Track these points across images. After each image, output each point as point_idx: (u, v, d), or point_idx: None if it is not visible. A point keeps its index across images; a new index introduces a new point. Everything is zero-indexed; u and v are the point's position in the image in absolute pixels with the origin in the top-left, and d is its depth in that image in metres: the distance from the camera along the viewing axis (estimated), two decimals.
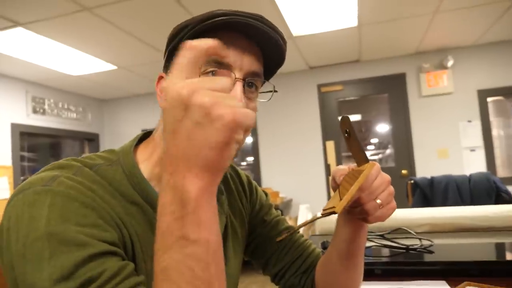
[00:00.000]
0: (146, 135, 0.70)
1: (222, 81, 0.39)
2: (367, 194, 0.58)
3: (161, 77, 0.68)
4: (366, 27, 3.60)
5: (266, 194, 0.90)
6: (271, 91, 0.68)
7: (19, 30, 3.10)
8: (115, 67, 4.23)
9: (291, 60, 4.45)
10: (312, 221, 0.59)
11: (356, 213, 0.60)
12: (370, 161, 0.58)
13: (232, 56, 0.60)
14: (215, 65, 0.59)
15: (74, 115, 5.22)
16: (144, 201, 0.60)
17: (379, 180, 0.59)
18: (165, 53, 0.68)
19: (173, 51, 0.64)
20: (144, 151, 0.66)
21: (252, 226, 0.83)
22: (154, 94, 0.69)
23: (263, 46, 0.64)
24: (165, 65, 0.67)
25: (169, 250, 0.39)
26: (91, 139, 5.58)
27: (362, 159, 0.60)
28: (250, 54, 0.62)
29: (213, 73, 0.59)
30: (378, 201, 0.58)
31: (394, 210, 0.60)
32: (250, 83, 0.63)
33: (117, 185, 0.58)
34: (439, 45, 4.25)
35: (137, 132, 0.73)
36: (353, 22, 3.45)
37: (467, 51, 4.31)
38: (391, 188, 0.60)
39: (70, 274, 0.44)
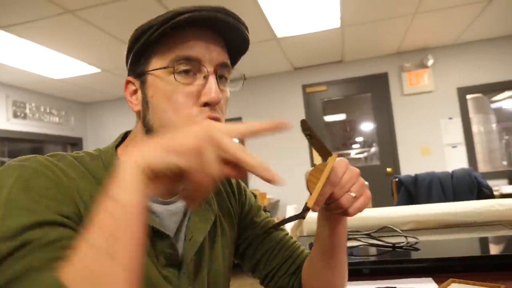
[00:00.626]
0: (127, 135, 0.71)
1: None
2: (338, 189, 0.58)
3: (129, 82, 0.67)
4: (348, 28, 3.65)
5: (255, 196, 0.90)
6: (240, 79, 0.71)
7: (0, 32, 3.04)
8: (98, 70, 4.18)
9: (276, 61, 4.47)
10: (291, 219, 0.59)
11: (334, 209, 0.60)
12: (333, 154, 0.59)
13: (200, 50, 0.61)
14: (185, 61, 0.60)
15: (57, 119, 5.12)
16: None
17: (348, 174, 0.59)
18: (128, 56, 0.67)
19: (138, 54, 0.64)
20: (125, 150, 0.67)
21: (242, 228, 0.83)
22: None
23: (227, 36, 0.65)
24: (130, 69, 0.67)
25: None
26: (74, 144, 5.48)
27: (326, 154, 0.60)
28: (217, 46, 0.63)
29: (187, 72, 0.60)
30: (352, 194, 0.58)
31: (369, 199, 0.61)
32: (220, 75, 0.64)
33: (95, 173, 0.60)
34: (419, 45, 4.33)
35: None
36: (336, 24, 3.49)
37: (446, 50, 4.41)
38: (362, 180, 0.61)
39: (13, 235, 0.45)
